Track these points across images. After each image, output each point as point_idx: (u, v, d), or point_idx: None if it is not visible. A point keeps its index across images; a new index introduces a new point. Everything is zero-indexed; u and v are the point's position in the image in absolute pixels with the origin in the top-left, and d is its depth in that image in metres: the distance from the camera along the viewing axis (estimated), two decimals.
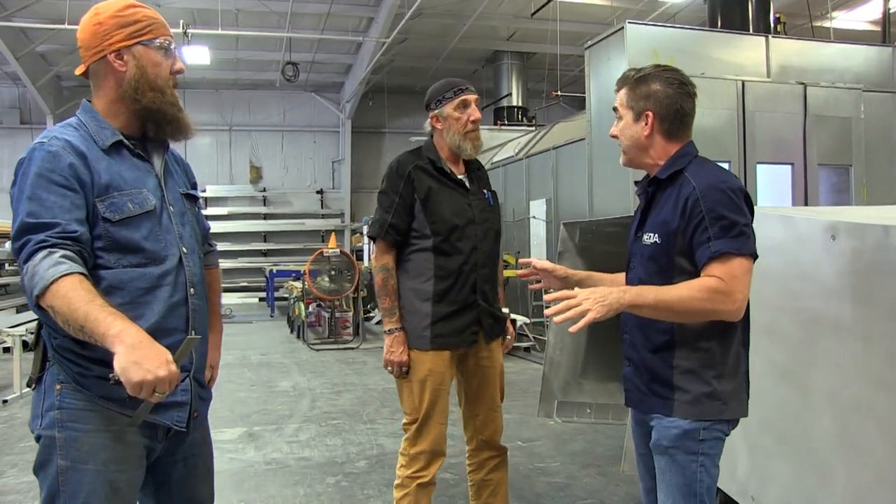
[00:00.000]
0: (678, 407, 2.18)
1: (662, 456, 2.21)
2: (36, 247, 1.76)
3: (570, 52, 16.10)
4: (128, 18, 2.02)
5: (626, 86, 2.31)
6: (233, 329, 13.54)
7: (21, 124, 19.71)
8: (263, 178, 21.38)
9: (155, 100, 2.02)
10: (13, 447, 5.56)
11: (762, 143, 9.06)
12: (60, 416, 1.87)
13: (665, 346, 2.20)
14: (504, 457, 3.37)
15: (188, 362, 2.05)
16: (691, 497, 2.16)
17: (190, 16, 14.95)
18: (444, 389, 3.12)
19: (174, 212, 2.09)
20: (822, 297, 2.77)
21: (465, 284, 3.10)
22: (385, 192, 3.17)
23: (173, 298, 2.00)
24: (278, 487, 4.57)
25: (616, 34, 8.85)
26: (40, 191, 1.83)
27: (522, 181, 12.83)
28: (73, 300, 1.69)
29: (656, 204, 2.27)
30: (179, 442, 2.10)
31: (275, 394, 7.51)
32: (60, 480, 1.87)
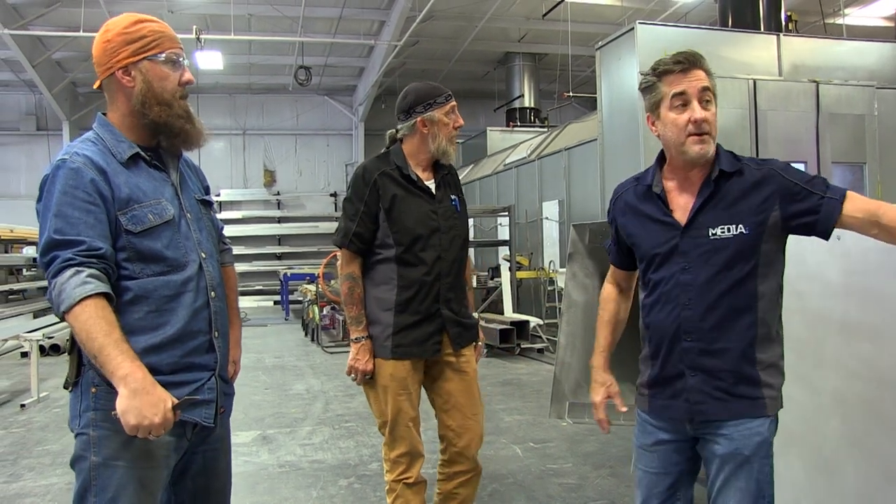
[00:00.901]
0: (769, 404, 2.13)
1: (741, 466, 2.11)
2: (63, 264, 1.85)
3: (581, 52, 16.11)
4: (133, 35, 2.07)
5: (703, 69, 2.12)
6: (248, 332, 13.60)
7: (37, 131, 19.95)
8: (277, 182, 21.51)
9: (161, 113, 2.07)
10: (31, 451, 5.63)
11: (775, 142, 9.03)
12: (95, 416, 1.96)
13: (750, 342, 2.11)
14: (476, 475, 3.25)
15: (212, 362, 2.12)
16: (762, 500, 2.11)
17: (203, 21, 15.08)
18: (407, 394, 3.06)
19: (191, 218, 2.17)
20: (829, 298, 2.76)
21: (428, 294, 3.05)
22: (350, 199, 3.12)
23: (196, 303, 2.08)
24: (291, 490, 4.60)
25: (626, 34, 8.84)
26: (65, 207, 1.90)
27: (535, 182, 12.84)
28: (91, 329, 1.80)
29: (721, 198, 2.12)
30: (205, 437, 2.17)
31: (289, 397, 7.55)
32: (92, 475, 1.95)
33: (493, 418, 6.32)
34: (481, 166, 16.60)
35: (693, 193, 2.15)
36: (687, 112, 2.08)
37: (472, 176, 16.57)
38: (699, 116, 2.05)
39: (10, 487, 4.75)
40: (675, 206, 2.18)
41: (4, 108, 20.10)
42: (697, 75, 2.09)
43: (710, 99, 2.10)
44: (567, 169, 11.59)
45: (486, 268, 13.89)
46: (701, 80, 2.08)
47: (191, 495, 2.22)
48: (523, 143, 14.74)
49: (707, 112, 2.08)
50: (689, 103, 2.08)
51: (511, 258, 11.57)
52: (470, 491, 3.23)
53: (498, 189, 14.79)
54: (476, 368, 3.26)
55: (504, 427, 6.00)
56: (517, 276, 11.65)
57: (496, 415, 6.45)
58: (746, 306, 2.11)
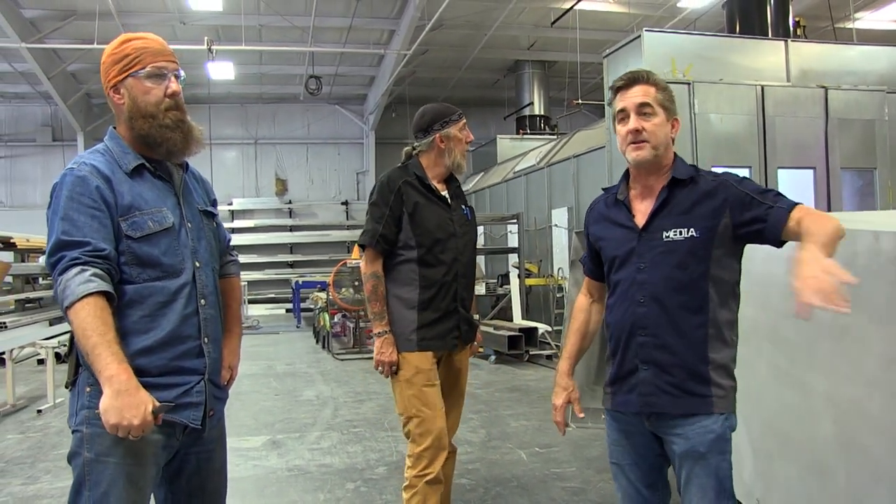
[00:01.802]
0: (717, 403, 2.23)
1: (697, 462, 2.23)
2: (70, 263, 1.98)
3: (591, 59, 16.14)
4: (119, 54, 2.19)
5: (653, 86, 2.34)
6: (259, 340, 13.72)
7: (53, 141, 20.19)
8: (289, 191, 21.63)
9: (145, 126, 2.18)
10: (47, 454, 5.73)
11: (783, 148, 9.04)
12: (88, 414, 2.06)
13: (700, 340, 2.25)
14: (453, 455, 3.55)
15: (201, 366, 2.21)
16: (723, 494, 2.22)
17: (214, 32, 15.25)
18: (432, 387, 3.30)
19: (191, 228, 2.27)
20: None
21: (448, 293, 3.34)
22: (376, 204, 3.36)
23: (186, 310, 2.19)
24: (299, 493, 4.67)
25: (633, 42, 8.90)
26: (72, 212, 2.04)
27: (544, 190, 12.88)
28: (87, 327, 1.92)
29: (674, 203, 2.29)
30: (196, 438, 2.26)
31: (299, 403, 7.63)
32: (86, 470, 2.05)
33: (500, 423, 6.38)
34: (491, 174, 16.67)
35: (653, 200, 2.34)
36: (626, 124, 2.33)
37: (483, 184, 16.64)
38: (632, 127, 2.29)
39: (27, 489, 4.87)
40: (636, 211, 2.38)
41: (21, 120, 20.35)
42: (636, 92, 2.32)
43: (651, 111, 2.31)
44: (576, 176, 11.64)
45: (495, 275, 13.95)
46: (639, 96, 2.31)
47: (186, 495, 2.32)
48: (533, 151, 14.79)
49: (645, 122, 2.30)
50: (628, 117, 2.32)
51: (520, 265, 11.62)
52: (448, 470, 3.49)
53: (508, 197, 14.85)
54: (468, 364, 3.61)
55: (510, 432, 6.05)
56: (526, 283, 11.71)
57: (502, 420, 6.50)
58: (698, 306, 2.25)
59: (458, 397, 3.57)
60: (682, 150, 8.26)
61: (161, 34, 8.82)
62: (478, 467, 5.10)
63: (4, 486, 4.97)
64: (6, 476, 5.19)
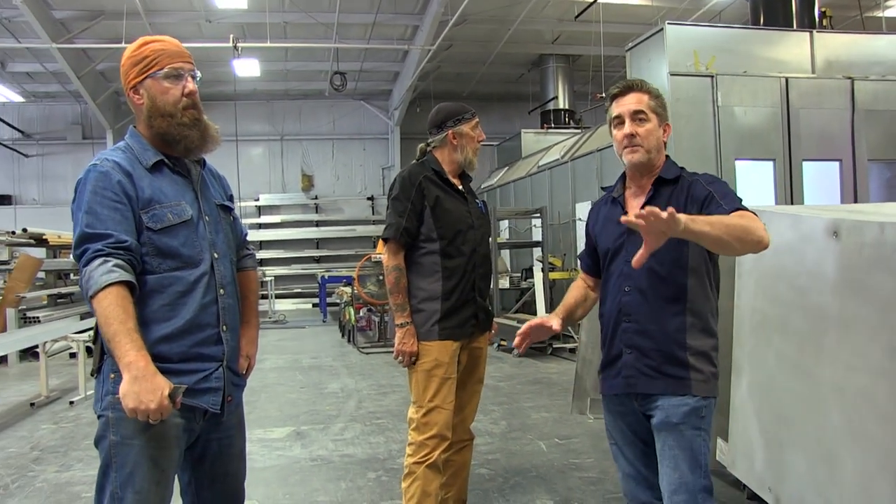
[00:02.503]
0: (695, 386, 2.40)
1: (670, 433, 2.40)
2: (94, 254, 2.09)
3: (615, 53, 16.07)
4: (137, 57, 2.30)
5: (647, 94, 2.54)
6: (286, 334, 13.89)
7: (83, 139, 20.51)
8: (315, 186, 21.76)
9: (163, 124, 2.29)
10: (79, 444, 5.90)
11: (808, 140, 8.95)
12: (113, 400, 2.16)
13: (679, 329, 2.42)
14: (470, 443, 3.71)
15: (220, 353, 2.32)
16: (697, 467, 2.36)
17: (240, 30, 15.40)
18: (449, 378, 3.39)
19: (209, 221, 2.38)
20: (827, 293, 2.83)
21: (468, 283, 3.48)
22: (398, 198, 3.49)
23: (205, 299, 2.29)
24: (322, 482, 4.78)
25: (656, 35, 8.84)
26: (95, 205, 2.15)
27: (568, 184, 12.88)
28: (109, 315, 2.03)
29: (659, 200, 2.48)
30: (216, 423, 2.37)
31: (323, 395, 7.74)
32: (112, 453, 2.17)
33: (521, 415, 6.44)
34: (516, 168, 16.67)
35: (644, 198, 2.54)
36: (621, 129, 2.53)
37: (507, 178, 16.65)
38: (627, 132, 2.51)
39: (61, 476, 5.04)
40: (629, 208, 2.56)
41: (52, 119, 20.71)
42: (630, 99, 2.53)
43: (644, 117, 2.51)
44: (599, 170, 11.62)
45: (519, 269, 13.98)
46: (633, 103, 2.51)
47: (208, 477, 2.44)
48: (557, 145, 14.77)
49: (639, 128, 2.49)
50: (623, 122, 2.53)
51: (544, 259, 11.65)
52: (467, 456, 3.67)
53: (532, 191, 14.85)
54: (486, 352, 3.70)
55: (531, 424, 6.11)
56: (550, 276, 11.72)
57: (524, 412, 6.56)
58: (675, 297, 2.44)
59: (477, 383, 3.68)
60: (704, 144, 8.20)
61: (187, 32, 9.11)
62: (497, 457, 5.18)
63: (40, 472, 5.15)
64: (41, 464, 5.37)
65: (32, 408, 7.44)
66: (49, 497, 4.64)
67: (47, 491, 4.75)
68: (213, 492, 2.46)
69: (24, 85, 18.91)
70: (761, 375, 3.33)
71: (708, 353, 2.44)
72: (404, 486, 3.38)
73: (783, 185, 9.00)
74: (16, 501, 4.59)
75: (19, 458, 5.54)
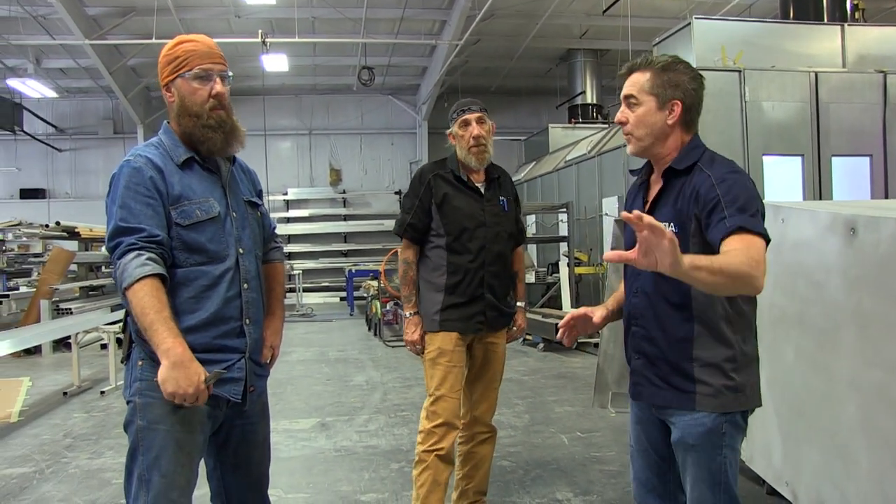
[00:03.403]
0: (700, 400, 2.17)
1: (688, 452, 2.22)
2: (127, 248, 2.17)
3: (643, 47, 15.95)
4: (171, 56, 2.37)
5: (649, 71, 2.24)
6: (313, 327, 14.02)
7: (114, 134, 20.84)
8: (343, 181, 21.86)
9: (189, 124, 2.36)
10: (110, 432, 6.04)
11: (838, 136, 8.89)
12: (140, 386, 2.26)
13: (685, 338, 2.19)
14: (493, 435, 3.74)
15: (242, 345, 2.39)
16: (717, 487, 2.19)
17: (268, 25, 15.52)
18: (454, 367, 3.46)
19: (236, 217, 2.45)
20: (845, 289, 2.84)
21: (474, 279, 3.49)
22: (408, 195, 3.66)
23: (229, 293, 2.36)
24: (345, 472, 4.85)
25: (683, 30, 8.84)
26: (129, 200, 2.23)
27: (595, 179, 12.86)
28: (145, 306, 2.11)
29: (669, 193, 2.24)
30: (239, 412, 2.45)
31: (349, 387, 7.82)
32: (139, 437, 2.25)
33: (544, 409, 6.47)
34: (543, 163, 16.67)
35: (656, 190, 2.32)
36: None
37: (534, 173, 16.65)
38: (616, 118, 2.33)
39: (92, 463, 5.20)
40: (651, 195, 2.34)
41: (85, 114, 21.06)
42: (627, 82, 2.29)
43: (635, 102, 2.26)
44: (626, 165, 11.58)
45: (545, 263, 14.00)
46: (626, 87, 2.28)
47: (232, 465, 2.52)
48: (584, 140, 14.74)
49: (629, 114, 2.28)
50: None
51: (570, 254, 11.65)
52: (488, 449, 3.71)
53: (559, 186, 14.85)
54: (505, 349, 3.70)
55: (554, 417, 6.14)
56: (576, 271, 11.72)
57: (547, 406, 6.59)
58: (681, 303, 2.20)
59: (490, 381, 3.68)
60: (732, 139, 8.18)
61: (217, 28, 9.23)
62: (519, 450, 5.22)
63: (73, 459, 5.31)
64: (74, 451, 5.53)
65: (65, 397, 7.61)
66: (81, 482, 4.77)
67: (79, 477, 4.89)
68: (237, 477, 2.54)
69: (57, 81, 19.23)
70: (779, 370, 3.33)
71: (720, 365, 2.16)
72: (415, 473, 3.46)
73: (812, 180, 8.94)
74: (50, 486, 4.72)
75: (53, 445, 5.70)
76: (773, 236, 2.32)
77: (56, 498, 4.51)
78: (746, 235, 1.99)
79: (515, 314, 3.74)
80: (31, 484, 4.78)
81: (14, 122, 18.14)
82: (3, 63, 17.45)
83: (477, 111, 3.56)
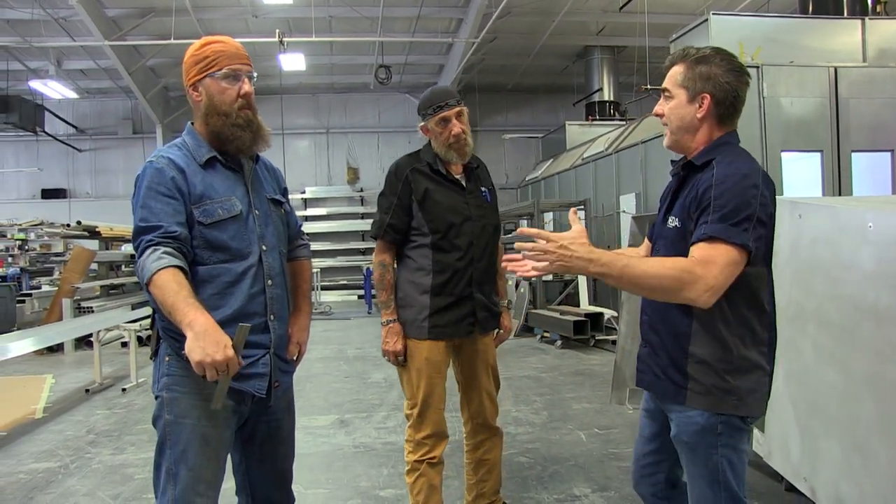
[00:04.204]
0: (690, 397, 2.18)
1: (683, 450, 2.26)
2: (146, 245, 2.21)
3: (660, 44, 15.86)
4: (199, 56, 2.41)
5: (683, 63, 2.24)
6: (331, 325, 14.09)
7: (133, 134, 21.05)
8: (361, 179, 21.95)
9: (218, 122, 2.40)
10: (132, 429, 6.14)
11: (857, 131, 8.81)
12: (168, 381, 2.32)
13: (683, 333, 2.19)
14: (498, 436, 3.57)
15: (267, 341, 2.42)
16: (715, 485, 2.19)
17: (286, 25, 15.62)
18: (440, 377, 3.30)
19: (259, 215, 2.48)
20: (862, 284, 2.83)
21: (462, 278, 3.27)
22: (384, 194, 3.36)
23: (253, 289, 2.39)
24: (364, 468, 4.89)
25: (700, 26, 8.79)
26: (149, 200, 2.28)
27: (612, 176, 12.83)
28: (165, 291, 2.12)
29: (685, 189, 2.24)
30: (264, 407, 2.49)
31: (367, 385, 7.87)
32: (167, 431, 2.30)
33: (561, 406, 6.49)
34: (560, 161, 16.65)
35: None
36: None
37: (552, 170, 16.63)
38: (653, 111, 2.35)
39: (115, 458, 5.28)
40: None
41: (104, 114, 21.26)
42: (668, 74, 2.29)
43: (669, 95, 2.28)
44: (644, 162, 11.56)
45: None
46: (665, 80, 2.28)
47: (257, 458, 2.57)
48: (601, 137, 14.71)
49: (665, 106, 2.30)
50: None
51: None
52: (496, 454, 3.55)
53: (576, 183, 14.83)
54: (494, 354, 3.52)
55: (571, 414, 6.16)
56: None
57: (564, 402, 6.60)
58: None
59: (486, 388, 3.48)
60: (750, 136, 8.14)
61: (234, 28, 9.32)
62: (537, 447, 5.23)
63: (96, 454, 5.40)
64: (97, 446, 5.61)
65: (87, 394, 7.71)
66: (105, 477, 4.84)
67: (103, 472, 4.96)
68: (263, 471, 2.58)
69: (78, 82, 19.43)
70: (797, 366, 3.33)
71: (712, 365, 2.15)
72: (409, 481, 3.36)
73: (831, 176, 8.88)
74: (75, 480, 4.80)
75: (76, 441, 5.79)
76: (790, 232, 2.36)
77: (81, 492, 4.58)
78: (715, 244, 2.01)
79: (501, 315, 3.53)
80: (56, 478, 4.86)
81: (36, 123, 18.38)
82: (25, 65, 17.69)
83: (455, 105, 3.29)
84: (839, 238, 2.99)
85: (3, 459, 5.36)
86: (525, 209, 13.48)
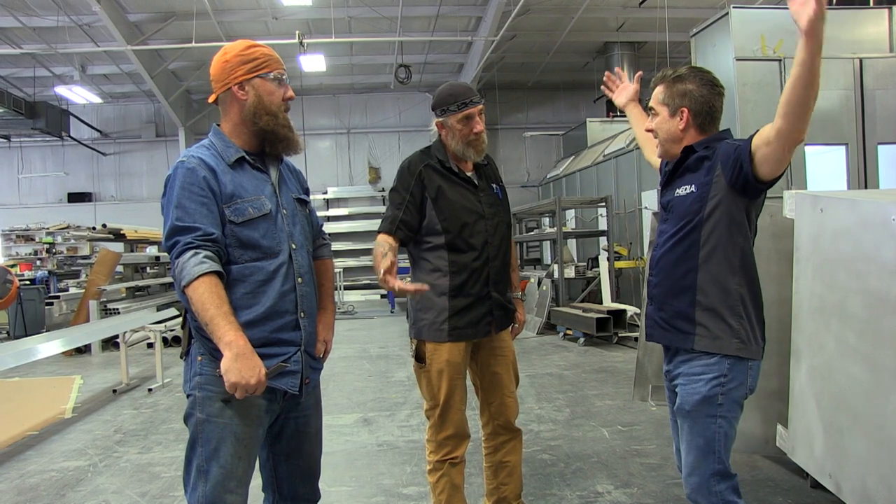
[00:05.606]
0: (699, 341, 2.48)
1: (685, 419, 2.51)
2: (185, 246, 2.25)
3: (681, 39, 15.76)
4: (248, 56, 2.46)
5: (662, 84, 2.63)
6: (355, 324, 14.14)
7: (157, 137, 21.27)
8: (382, 179, 21.99)
9: (269, 122, 2.46)
10: (158, 428, 6.21)
11: (884, 123, 8.69)
12: (200, 380, 2.36)
13: (690, 285, 2.51)
14: (518, 438, 3.51)
15: (298, 338, 2.47)
16: (710, 454, 2.45)
17: (305, 26, 15.70)
18: (461, 378, 3.26)
19: (287, 214, 2.53)
20: (885, 278, 2.81)
21: (479, 279, 3.22)
22: (396, 189, 3.26)
23: (284, 287, 2.44)
24: (387, 465, 4.92)
25: (721, 20, 8.70)
26: (184, 200, 2.31)
27: (634, 172, 12.77)
28: (206, 302, 2.19)
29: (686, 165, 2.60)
30: (295, 404, 2.54)
31: (390, 383, 7.90)
32: (199, 429, 2.35)
33: (584, 403, 6.47)
34: (581, 157, 16.60)
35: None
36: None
37: (573, 167, 16.59)
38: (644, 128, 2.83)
39: (142, 458, 5.35)
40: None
41: (128, 118, 21.50)
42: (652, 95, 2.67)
43: (654, 112, 2.68)
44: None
45: (585, 258, 13.95)
46: (651, 101, 2.67)
47: (285, 455, 2.60)
48: (622, 134, 14.64)
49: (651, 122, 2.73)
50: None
51: (609, 248, 11.60)
52: (517, 456, 3.50)
53: (598, 180, 14.78)
54: (514, 349, 3.49)
55: (594, 411, 6.14)
56: (616, 265, 11.67)
57: (587, 400, 6.59)
58: (687, 254, 2.53)
59: (507, 386, 3.43)
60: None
61: (254, 30, 9.44)
62: (560, 444, 5.23)
63: (124, 453, 5.47)
64: (125, 446, 5.69)
65: (115, 394, 7.82)
66: (132, 476, 4.91)
67: (130, 470, 5.03)
68: (290, 467, 2.62)
69: (101, 86, 19.66)
70: (820, 361, 3.31)
71: (720, 312, 2.47)
72: (431, 480, 3.34)
73: (856, 170, 8.76)
74: (104, 479, 4.88)
75: (105, 440, 5.87)
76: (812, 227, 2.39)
77: (110, 490, 4.65)
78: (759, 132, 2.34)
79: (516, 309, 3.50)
80: (86, 476, 4.95)
81: (62, 128, 18.65)
82: (51, 71, 17.94)
83: (480, 104, 3.23)
84: (861, 232, 2.97)
85: (36, 458, 5.46)
86: (546, 207, 13.46)
